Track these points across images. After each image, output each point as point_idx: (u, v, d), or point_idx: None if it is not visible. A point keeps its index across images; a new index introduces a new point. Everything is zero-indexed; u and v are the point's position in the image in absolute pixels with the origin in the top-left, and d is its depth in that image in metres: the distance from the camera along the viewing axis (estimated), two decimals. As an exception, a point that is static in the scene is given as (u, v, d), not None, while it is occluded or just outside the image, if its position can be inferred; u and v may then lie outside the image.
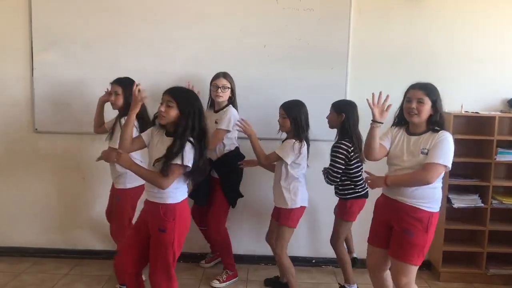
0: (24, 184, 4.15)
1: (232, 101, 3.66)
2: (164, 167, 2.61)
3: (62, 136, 4.02)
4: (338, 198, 3.55)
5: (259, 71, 3.94)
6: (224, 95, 3.59)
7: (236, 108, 3.66)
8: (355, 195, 3.45)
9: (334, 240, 3.57)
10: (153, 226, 2.74)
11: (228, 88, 3.60)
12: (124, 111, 3.28)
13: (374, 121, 2.75)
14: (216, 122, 3.57)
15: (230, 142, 3.66)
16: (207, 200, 3.69)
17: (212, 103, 3.72)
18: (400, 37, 3.95)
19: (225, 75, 3.61)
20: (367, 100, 2.75)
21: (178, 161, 2.61)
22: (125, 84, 3.48)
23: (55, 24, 3.93)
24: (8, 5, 3.95)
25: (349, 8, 3.90)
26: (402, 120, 2.90)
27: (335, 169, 3.36)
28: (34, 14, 3.92)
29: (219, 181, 3.65)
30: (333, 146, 3.41)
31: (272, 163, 3.45)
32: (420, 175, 2.68)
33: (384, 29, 3.95)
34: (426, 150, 2.72)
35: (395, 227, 2.79)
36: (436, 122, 2.78)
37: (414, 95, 2.76)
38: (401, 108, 2.88)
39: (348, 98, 3.90)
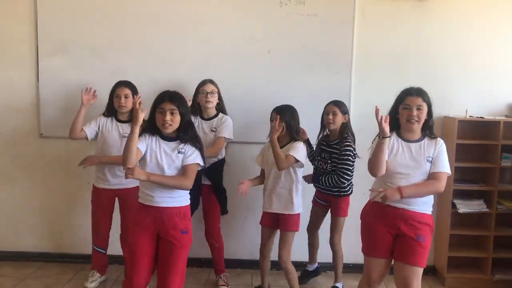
0: (30, 189, 4.18)
1: (220, 107, 3.68)
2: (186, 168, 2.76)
3: (68, 141, 3.99)
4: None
5: (263, 76, 3.95)
6: (213, 101, 3.60)
7: (226, 114, 3.69)
8: (351, 191, 3.60)
9: (337, 239, 3.64)
10: (174, 230, 2.77)
11: (216, 93, 3.62)
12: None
13: (384, 137, 2.70)
14: (212, 130, 3.60)
15: (222, 150, 3.68)
16: (197, 207, 3.66)
17: (196, 110, 3.66)
18: (404, 42, 3.96)
19: (211, 81, 3.63)
20: (379, 117, 2.67)
21: (198, 160, 2.78)
22: (132, 86, 3.57)
23: (61, 30, 3.96)
24: (14, 11, 3.98)
25: (353, 13, 3.90)
26: (391, 126, 2.84)
27: (350, 169, 3.43)
28: (40, 19, 3.95)
29: (211, 187, 3.66)
30: (344, 147, 3.44)
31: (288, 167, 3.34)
32: (434, 185, 2.75)
33: (388, 33, 3.96)
34: (430, 158, 2.77)
35: (403, 235, 2.77)
36: (430, 127, 2.82)
37: (414, 102, 2.75)
38: (392, 113, 2.84)
39: (352, 103, 3.95)
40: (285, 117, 3.31)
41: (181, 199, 2.83)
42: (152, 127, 2.79)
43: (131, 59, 3.96)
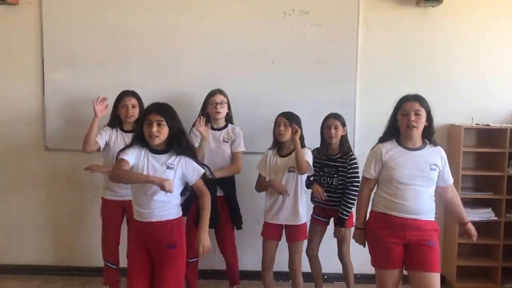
0: (35, 202, 4.17)
1: (229, 117, 3.66)
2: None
3: (73, 153, 4.02)
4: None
5: (267, 86, 3.96)
6: (223, 111, 3.57)
7: (233, 124, 3.69)
8: None
9: (346, 252, 3.57)
10: (160, 245, 2.69)
11: (226, 103, 3.59)
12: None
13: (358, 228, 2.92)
14: (224, 141, 3.56)
15: None
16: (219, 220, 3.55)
17: (206, 121, 3.59)
18: (408, 50, 3.96)
19: (220, 91, 3.59)
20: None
21: (200, 171, 2.73)
22: (138, 96, 3.57)
23: (66, 42, 3.98)
24: (20, 23, 4.01)
25: (357, 22, 3.91)
26: (389, 135, 2.85)
27: (359, 182, 3.37)
28: (46, 32, 3.98)
29: (224, 199, 3.58)
30: (351, 161, 3.43)
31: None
32: (458, 197, 2.97)
33: (392, 42, 3.96)
34: (435, 166, 2.75)
35: (414, 243, 2.75)
36: (431, 134, 2.80)
37: (411, 108, 2.73)
38: (391, 122, 2.84)
39: (357, 112, 3.94)
40: (294, 122, 3.28)
41: (169, 212, 2.70)
42: (142, 139, 2.70)
43: (137, 71, 3.97)
